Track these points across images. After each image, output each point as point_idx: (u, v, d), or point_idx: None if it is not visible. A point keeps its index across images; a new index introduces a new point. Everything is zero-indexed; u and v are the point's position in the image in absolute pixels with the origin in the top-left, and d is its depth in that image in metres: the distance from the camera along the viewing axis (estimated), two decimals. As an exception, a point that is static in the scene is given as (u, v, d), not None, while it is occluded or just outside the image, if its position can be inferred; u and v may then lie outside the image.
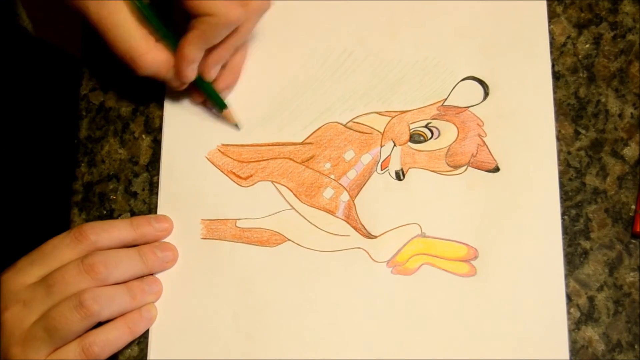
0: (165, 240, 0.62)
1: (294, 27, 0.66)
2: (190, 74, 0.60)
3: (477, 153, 0.62)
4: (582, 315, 0.59)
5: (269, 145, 0.64)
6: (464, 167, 0.62)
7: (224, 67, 0.63)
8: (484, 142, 0.62)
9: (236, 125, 0.64)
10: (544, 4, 0.64)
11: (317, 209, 0.62)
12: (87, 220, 0.64)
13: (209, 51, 0.60)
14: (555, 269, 0.59)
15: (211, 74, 0.61)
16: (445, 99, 0.63)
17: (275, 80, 0.65)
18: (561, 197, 0.61)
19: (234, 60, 0.63)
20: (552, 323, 0.58)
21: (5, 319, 0.57)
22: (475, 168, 0.62)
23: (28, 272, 0.58)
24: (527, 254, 0.60)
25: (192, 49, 0.58)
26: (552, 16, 0.64)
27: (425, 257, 0.60)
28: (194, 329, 0.60)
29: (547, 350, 0.58)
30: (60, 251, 0.59)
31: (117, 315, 0.58)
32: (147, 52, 0.59)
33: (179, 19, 0.60)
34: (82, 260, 0.58)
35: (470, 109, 0.63)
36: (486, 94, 0.63)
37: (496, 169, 0.61)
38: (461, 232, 0.60)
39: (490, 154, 0.62)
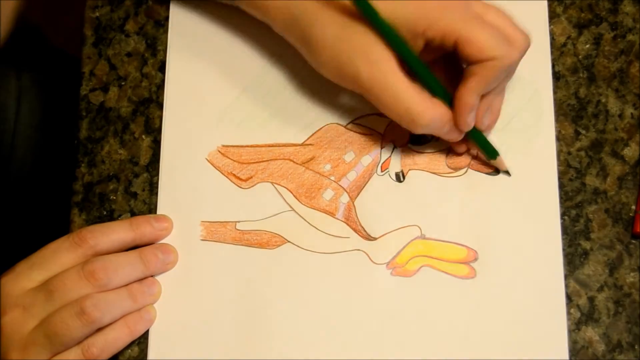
0: (164, 241, 0.62)
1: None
2: (471, 122, 0.57)
3: (477, 155, 0.62)
4: (582, 316, 0.59)
5: (269, 146, 0.63)
6: (464, 170, 0.62)
7: None
8: (484, 144, 0.62)
9: (507, 172, 0.61)
10: (545, 5, 0.64)
11: (317, 210, 0.62)
12: (87, 221, 0.64)
13: (481, 98, 0.57)
14: (555, 269, 0.59)
15: (484, 121, 0.59)
16: (446, 101, 0.63)
17: (276, 80, 0.64)
18: (561, 198, 0.61)
19: (494, 102, 0.60)
20: (552, 323, 0.58)
21: (4, 323, 0.57)
22: (476, 170, 0.62)
23: (28, 277, 0.58)
24: (527, 255, 0.60)
25: (474, 96, 0.56)
26: (552, 16, 0.64)
27: (425, 259, 0.60)
28: (194, 330, 0.60)
29: (547, 350, 0.58)
30: (60, 255, 0.58)
31: (118, 319, 0.58)
32: (426, 109, 0.56)
33: None
34: (82, 266, 0.57)
35: (470, 111, 0.63)
36: (486, 96, 0.63)
37: (496, 172, 0.61)
38: (461, 234, 0.60)
39: (491, 156, 0.62)
